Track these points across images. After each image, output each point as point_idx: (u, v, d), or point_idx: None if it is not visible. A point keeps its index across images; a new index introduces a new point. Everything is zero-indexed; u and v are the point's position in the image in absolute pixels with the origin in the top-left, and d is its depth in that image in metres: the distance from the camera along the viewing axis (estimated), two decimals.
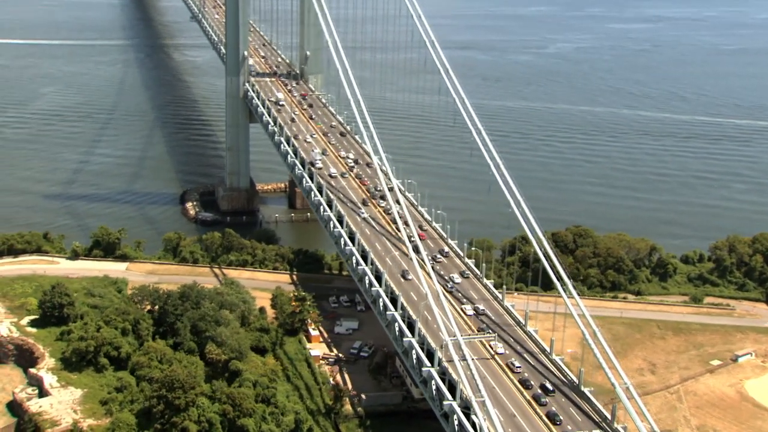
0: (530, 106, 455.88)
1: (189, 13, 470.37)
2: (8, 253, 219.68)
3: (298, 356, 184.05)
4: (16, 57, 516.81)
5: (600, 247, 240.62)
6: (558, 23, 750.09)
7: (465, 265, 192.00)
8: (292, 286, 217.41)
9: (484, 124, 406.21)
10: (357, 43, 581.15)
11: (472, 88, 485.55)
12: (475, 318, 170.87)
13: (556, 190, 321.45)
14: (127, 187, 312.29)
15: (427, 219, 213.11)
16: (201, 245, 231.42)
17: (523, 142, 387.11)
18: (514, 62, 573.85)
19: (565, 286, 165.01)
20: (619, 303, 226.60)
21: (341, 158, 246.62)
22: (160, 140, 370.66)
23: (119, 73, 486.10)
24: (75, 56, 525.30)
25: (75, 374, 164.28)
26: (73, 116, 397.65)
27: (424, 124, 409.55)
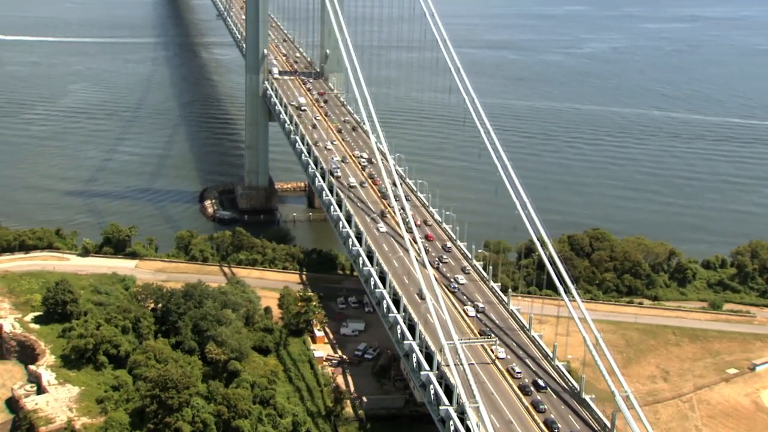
0: (558, 106, 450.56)
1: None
2: (20, 248, 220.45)
3: (302, 357, 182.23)
4: (48, 54, 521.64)
5: (617, 251, 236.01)
6: (592, 23, 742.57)
7: (472, 267, 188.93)
8: (301, 286, 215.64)
9: (510, 125, 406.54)
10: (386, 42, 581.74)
11: (500, 88, 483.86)
12: (477, 320, 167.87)
13: (578, 193, 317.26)
14: (147, 185, 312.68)
15: (437, 219, 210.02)
16: (211, 244, 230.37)
17: (549, 144, 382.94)
18: (545, 62, 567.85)
19: (569, 290, 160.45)
20: (634, 308, 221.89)
21: (355, 157, 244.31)
22: (183, 138, 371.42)
23: (147, 70, 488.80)
24: (105, 54, 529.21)
25: (74, 372, 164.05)
26: (99, 113, 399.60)
27: (445, 124, 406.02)
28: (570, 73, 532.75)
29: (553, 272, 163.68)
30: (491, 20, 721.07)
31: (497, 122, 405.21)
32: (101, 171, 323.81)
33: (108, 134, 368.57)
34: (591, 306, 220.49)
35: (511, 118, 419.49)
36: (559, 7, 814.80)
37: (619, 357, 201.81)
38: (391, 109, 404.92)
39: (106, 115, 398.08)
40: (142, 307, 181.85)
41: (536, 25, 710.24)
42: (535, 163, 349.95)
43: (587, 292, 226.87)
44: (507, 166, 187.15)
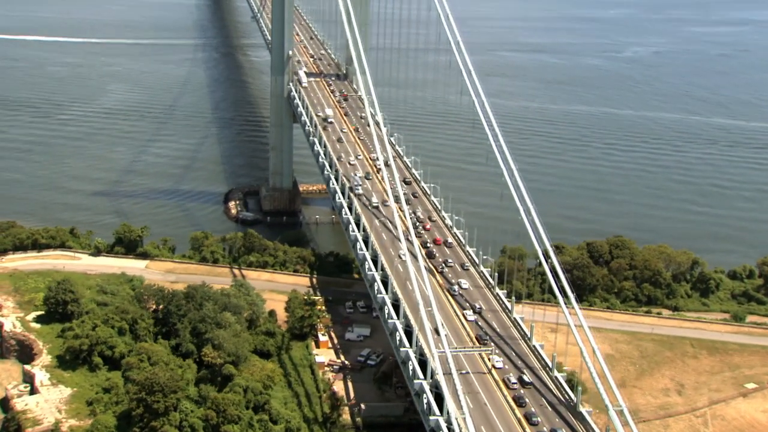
0: (594, 111, 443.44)
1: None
2: (33, 247, 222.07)
3: (303, 362, 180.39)
4: (90, 55, 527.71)
5: (637, 259, 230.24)
6: (636, 26, 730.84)
7: (478, 273, 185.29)
8: (311, 289, 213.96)
9: (543, 129, 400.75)
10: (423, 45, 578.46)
11: (536, 92, 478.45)
12: (476, 325, 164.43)
13: (606, 201, 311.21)
14: (174, 186, 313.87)
15: (447, 224, 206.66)
16: (223, 245, 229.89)
17: (582, 149, 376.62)
18: (585, 66, 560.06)
19: (568, 299, 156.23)
20: (652, 318, 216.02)
21: (371, 160, 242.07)
22: (213, 139, 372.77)
23: (184, 72, 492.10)
24: (145, 55, 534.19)
25: (68, 373, 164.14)
26: (134, 114, 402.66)
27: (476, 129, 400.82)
28: (609, 78, 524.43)
29: (553, 281, 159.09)
30: (531, 23, 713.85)
31: (530, 126, 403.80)
32: (130, 171, 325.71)
33: (140, 135, 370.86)
34: (607, 315, 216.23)
35: (545, 123, 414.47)
36: (603, 10, 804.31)
37: (632, 368, 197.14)
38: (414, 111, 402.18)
39: (140, 115, 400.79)
40: (143, 308, 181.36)
41: (577, 29, 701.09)
42: (566, 169, 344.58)
43: (604, 301, 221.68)
44: (513, 170, 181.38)
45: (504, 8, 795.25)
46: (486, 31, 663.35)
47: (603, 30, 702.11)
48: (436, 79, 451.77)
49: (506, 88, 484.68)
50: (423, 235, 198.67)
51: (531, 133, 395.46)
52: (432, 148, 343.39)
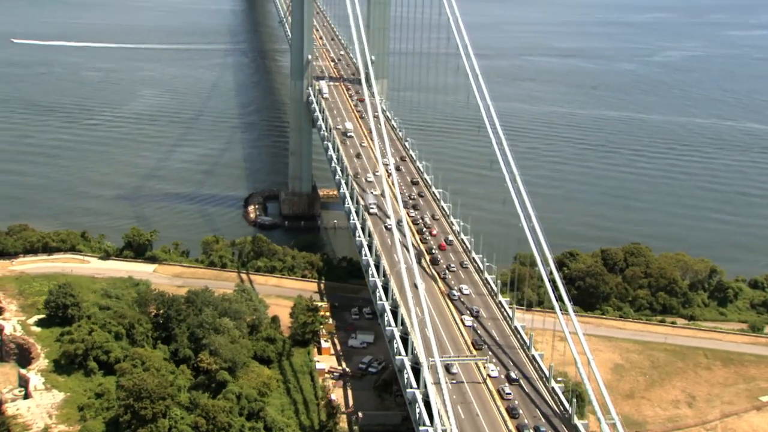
0: (624, 116, 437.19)
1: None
2: (43, 250, 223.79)
3: (303, 369, 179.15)
4: (124, 60, 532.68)
5: (652, 267, 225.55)
6: (673, 30, 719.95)
7: (482, 281, 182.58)
8: (315, 294, 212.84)
9: (570, 135, 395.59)
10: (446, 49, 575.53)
11: (566, 97, 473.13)
12: (473, 331, 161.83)
13: (627, 208, 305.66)
14: (196, 190, 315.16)
15: (455, 230, 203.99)
16: (232, 250, 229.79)
17: (609, 156, 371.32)
18: (616, 71, 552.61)
19: (565, 308, 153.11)
20: (665, 327, 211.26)
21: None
22: (237, 143, 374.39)
23: (214, 76, 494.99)
24: (178, 60, 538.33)
25: (63, 377, 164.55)
26: (162, 118, 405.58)
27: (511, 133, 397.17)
28: (641, 83, 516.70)
29: (550, 289, 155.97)
30: (565, 27, 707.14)
31: (556, 132, 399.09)
32: (153, 176, 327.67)
33: (166, 139, 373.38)
34: (619, 324, 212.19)
35: (572, 128, 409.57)
36: (639, 14, 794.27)
37: (641, 379, 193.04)
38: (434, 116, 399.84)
39: (168, 120, 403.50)
40: (143, 313, 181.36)
41: (611, 33, 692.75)
42: (590, 176, 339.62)
43: (618, 309, 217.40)
44: (516, 176, 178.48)
45: (537, 13, 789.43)
46: (518, 36, 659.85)
47: (638, 34, 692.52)
48: (458, 83, 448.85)
49: (535, 93, 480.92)
50: (429, 241, 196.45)
51: (557, 139, 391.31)
52: (451, 153, 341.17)
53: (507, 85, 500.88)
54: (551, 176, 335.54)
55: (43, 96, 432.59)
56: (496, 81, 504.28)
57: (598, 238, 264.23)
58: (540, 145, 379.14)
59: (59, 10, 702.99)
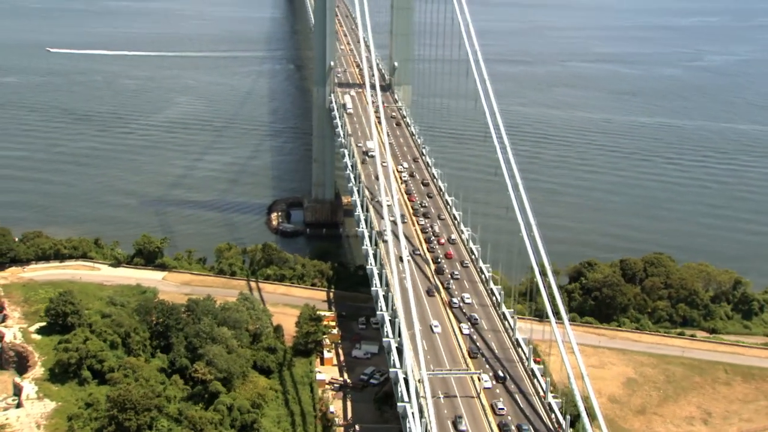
0: (660, 122, 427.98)
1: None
2: (54, 257, 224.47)
3: (304, 380, 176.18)
4: (162, 68, 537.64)
5: (673, 278, 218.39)
6: (719, 34, 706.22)
7: (486, 291, 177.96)
8: (322, 303, 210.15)
9: (606, 142, 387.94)
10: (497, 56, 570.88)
11: (604, 103, 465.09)
12: (469, 339, 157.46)
13: (654, 218, 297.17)
14: (221, 197, 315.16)
15: (464, 238, 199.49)
16: (243, 258, 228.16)
17: (645, 163, 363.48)
18: (657, 76, 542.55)
19: (559, 316, 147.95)
20: (684, 340, 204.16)
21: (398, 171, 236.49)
22: (267, 150, 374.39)
23: (250, 83, 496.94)
24: (216, 67, 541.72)
25: (57, 386, 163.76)
26: (195, 125, 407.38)
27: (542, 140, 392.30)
28: (684, 88, 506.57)
29: (546, 300, 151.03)
30: (606, 32, 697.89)
31: (588, 139, 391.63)
32: (181, 183, 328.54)
33: (197, 146, 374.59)
34: (635, 336, 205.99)
35: (605, 135, 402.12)
36: (686, 18, 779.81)
37: (654, 394, 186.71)
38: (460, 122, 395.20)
39: (200, 127, 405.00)
40: (144, 322, 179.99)
41: (655, 38, 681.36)
42: (621, 185, 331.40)
43: (635, 321, 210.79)
44: (519, 185, 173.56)
45: (579, 18, 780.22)
46: (557, 42, 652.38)
47: (682, 38, 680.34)
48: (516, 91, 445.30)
49: (570, 100, 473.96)
50: (436, 250, 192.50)
51: (590, 146, 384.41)
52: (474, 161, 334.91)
53: (543, 91, 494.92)
54: (579, 185, 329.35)
55: (79, 104, 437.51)
56: (532, 87, 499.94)
57: (621, 248, 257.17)
58: (571, 153, 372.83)
59: (103, 19, 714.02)
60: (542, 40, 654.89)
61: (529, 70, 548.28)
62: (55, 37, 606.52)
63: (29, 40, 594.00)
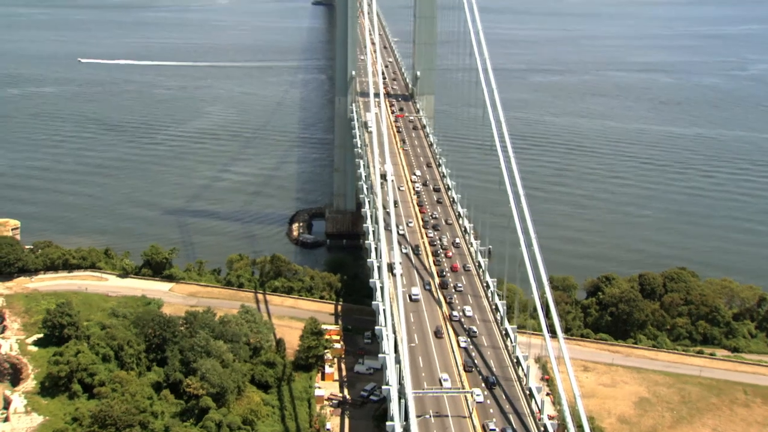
0: (700, 133, 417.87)
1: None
2: (63, 267, 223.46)
3: (303, 395, 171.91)
4: (196, 78, 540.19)
5: (693, 294, 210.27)
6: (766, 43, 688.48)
7: (489, 305, 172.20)
8: (332, 317, 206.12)
9: (641, 153, 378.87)
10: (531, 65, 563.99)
11: (642, 113, 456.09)
12: (465, 353, 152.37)
13: (680, 232, 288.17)
14: (245, 207, 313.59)
15: (473, 251, 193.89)
16: (252, 269, 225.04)
17: (681, 174, 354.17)
18: (699, 85, 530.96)
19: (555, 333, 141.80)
20: (702, 359, 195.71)
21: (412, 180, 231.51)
22: (294, 159, 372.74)
23: (281, 93, 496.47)
24: (249, 77, 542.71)
25: (47, 400, 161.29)
26: (224, 135, 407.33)
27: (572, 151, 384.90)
28: (726, 97, 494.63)
29: (542, 314, 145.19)
30: (648, 41, 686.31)
31: (623, 150, 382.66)
32: (206, 192, 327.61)
33: (225, 155, 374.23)
34: (651, 354, 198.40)
35: (640, 146, 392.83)
36: (734, 26, 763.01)
37: (668, 415, 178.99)
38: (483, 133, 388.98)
39: (230, 136, 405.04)
40: (141, 334, 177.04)
41: (698, 46, 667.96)
42: (651, 198, 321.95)
43: (652, 338, 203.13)
44: (521, 197, 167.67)
45: (620, 27, 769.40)
46: (595, 51, 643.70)
47: (728, 47, 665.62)
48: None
49: (605, 109, 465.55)
50: (442, 263, 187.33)
51: (622, 157, 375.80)
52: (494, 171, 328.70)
53: (577, 100, 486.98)
54: (608, 198, 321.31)
55: (111, 114, 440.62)
56: (565, 97, 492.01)
57: (644, 263, 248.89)
58: (602, 164, 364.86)
59: (140, 30, 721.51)
60: (579, 49, 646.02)
61: (563, 80, 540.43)
62: (92, 48, 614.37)
63: (66, 51, 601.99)
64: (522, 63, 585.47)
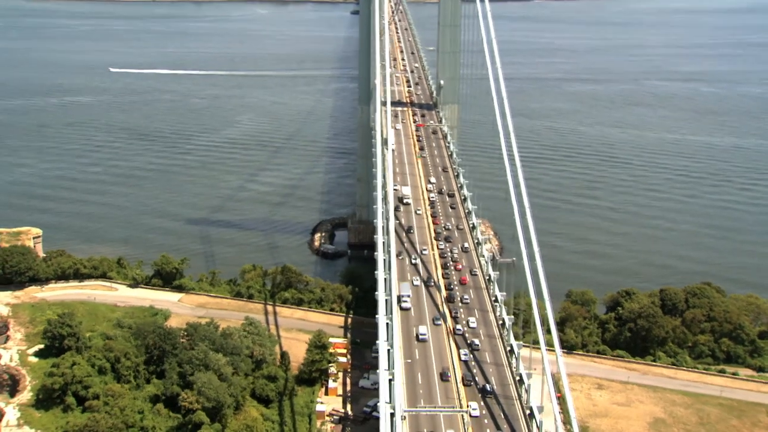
0: (743, 143, 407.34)
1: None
2: (74, 277, 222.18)
3: (304, 410, 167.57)
4: (230, 87, 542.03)
5: (717, 310, 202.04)
6: None
7: (496, 320, 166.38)
8: (341, 329, 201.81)
9: (677, 164, 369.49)
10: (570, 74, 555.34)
11: (681, 123, 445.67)
12: (465, 366, 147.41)
13: (709, 247, 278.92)
14: (269, 216, 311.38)
15: (482, 263, 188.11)
16: (264, 280, 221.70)
17: (715, 187, 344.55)
18: (743, 95, 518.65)
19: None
20: (724, 379, 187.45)
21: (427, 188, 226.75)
22: (321, 168, 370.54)
23: (313, 102, 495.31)
24: (283, 86, 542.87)
25: (41, 412, 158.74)
26: (253, 144, 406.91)
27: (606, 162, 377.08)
28: None
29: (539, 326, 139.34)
30: (692, 50, 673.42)
31: (661, 161, 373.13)
32: (231, 201, 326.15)
33: (253, 165, 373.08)
34: (670, 372, 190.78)
35: (679, 157, 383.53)
36: None
37: None
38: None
39: (259, 145, 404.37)
40: (142, 345, 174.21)
41: (746, 55, 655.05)
42: (685, 212, 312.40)
43: (672, 356, 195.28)
44: (526, 210, 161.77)
45: (665, 36, 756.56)
46: (638, 60, 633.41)
47: None
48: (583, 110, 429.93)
49: (646, 119, 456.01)
50: (450, 276, 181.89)
51: (660, 168, 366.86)
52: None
53: (617, 110, 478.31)
54: (638, 212, 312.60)
55: (144, 122, 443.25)
56: (602, 106, 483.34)
57: (670, 278, 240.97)
58: (635, 175, 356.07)
59: (181, 40, 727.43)
60: (620, 58, 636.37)
61: (602, 89, 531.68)
62: (132, 58, 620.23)
63: (105, 61, 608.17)
64: (560, 72, 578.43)
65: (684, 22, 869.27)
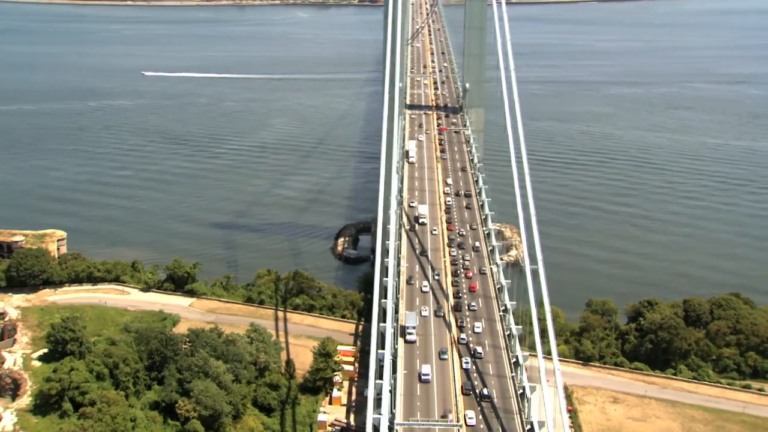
0: None
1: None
2: (87, 280, 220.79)
3: (306, 420, 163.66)
4: (266, 90, 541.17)
5: (743, 323, 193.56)
6: None
7: (502, 329, 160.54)
8: (351, 336, 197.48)
9: (716, 170, 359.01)
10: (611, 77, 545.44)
11: (723, 127, 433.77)
12: (465, 375, 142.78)
13: (743, 257, 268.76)
14: (294, 220, 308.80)
15: (493, 271, 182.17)
16: (276, 285, 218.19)
17: (756, 194, 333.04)
18: None
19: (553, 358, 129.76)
20: (748, 395, 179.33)
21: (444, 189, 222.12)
22: (350, 172, 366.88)
23: (347, 105, 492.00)
24: (318, 90, 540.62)
25: (38, 418, 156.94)
26: (284, 148, 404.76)
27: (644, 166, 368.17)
28: None
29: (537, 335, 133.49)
30: (739, 52, 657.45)
31: (701, 167, 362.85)
32: (257, 205, 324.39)
33: (282, 168, 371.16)
34: (691, 387, 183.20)
35: (721, 162, 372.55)
36: None
37: None
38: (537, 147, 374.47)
39: (289, 149, 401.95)
40: (144, 351, 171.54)
41: None
42: (721, 221, 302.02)
43: (694, 369, 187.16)
44: (532, 217, 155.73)
45: (708, 37, 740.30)
46: (681, 62, 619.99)
47: None
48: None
49: (688, 123, 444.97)
50: (459, 284, 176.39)
51: (700, 174, 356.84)
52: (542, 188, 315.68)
53: (658, 114, 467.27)
54: (673, 220, 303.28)
55: (182, 126, 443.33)
56: (642, 110, 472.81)
57: (696, 289, 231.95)
58: (671, 181, 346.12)
59: (221, 43, 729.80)
60: (664, 60, 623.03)
61: (643, 92, 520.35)
62: (172, 62, 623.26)
63: (144, 65, 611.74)
64: (600, 75, 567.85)
65: (727, 23, 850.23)
